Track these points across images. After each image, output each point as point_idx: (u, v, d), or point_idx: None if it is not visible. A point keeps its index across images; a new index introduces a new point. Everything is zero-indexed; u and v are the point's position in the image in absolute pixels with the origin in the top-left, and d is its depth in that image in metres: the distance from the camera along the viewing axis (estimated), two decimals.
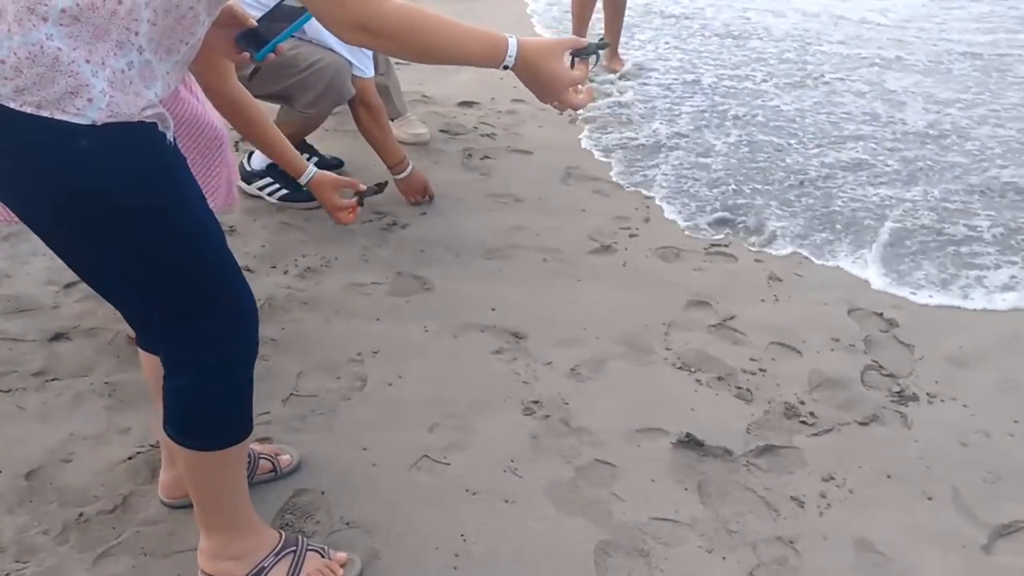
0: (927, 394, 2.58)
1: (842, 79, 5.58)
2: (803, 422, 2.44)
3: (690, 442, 2.31)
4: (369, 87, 3.35)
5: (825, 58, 6.05)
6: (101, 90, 1.30)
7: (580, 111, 1.61)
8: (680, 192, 3.96)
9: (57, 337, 2.60)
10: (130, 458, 2.14)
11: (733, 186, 4.03)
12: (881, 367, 2.71)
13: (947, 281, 3.30)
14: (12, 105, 1.27)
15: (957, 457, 2.33)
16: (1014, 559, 2.02)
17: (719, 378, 2.61)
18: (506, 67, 1.49)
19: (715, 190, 3.98)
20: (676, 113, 4.92)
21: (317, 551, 1.83)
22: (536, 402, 2.44)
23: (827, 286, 3.22)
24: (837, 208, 3.85)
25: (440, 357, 2.63)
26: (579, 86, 1.55)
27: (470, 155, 4.15)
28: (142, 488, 2.05)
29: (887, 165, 4.32)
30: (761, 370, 2.67)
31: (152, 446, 2.17)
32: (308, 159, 2.59)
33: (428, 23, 1.41)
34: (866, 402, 2.53)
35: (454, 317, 2.83)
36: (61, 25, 1.26)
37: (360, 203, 2.57)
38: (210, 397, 1.60)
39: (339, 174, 2.59)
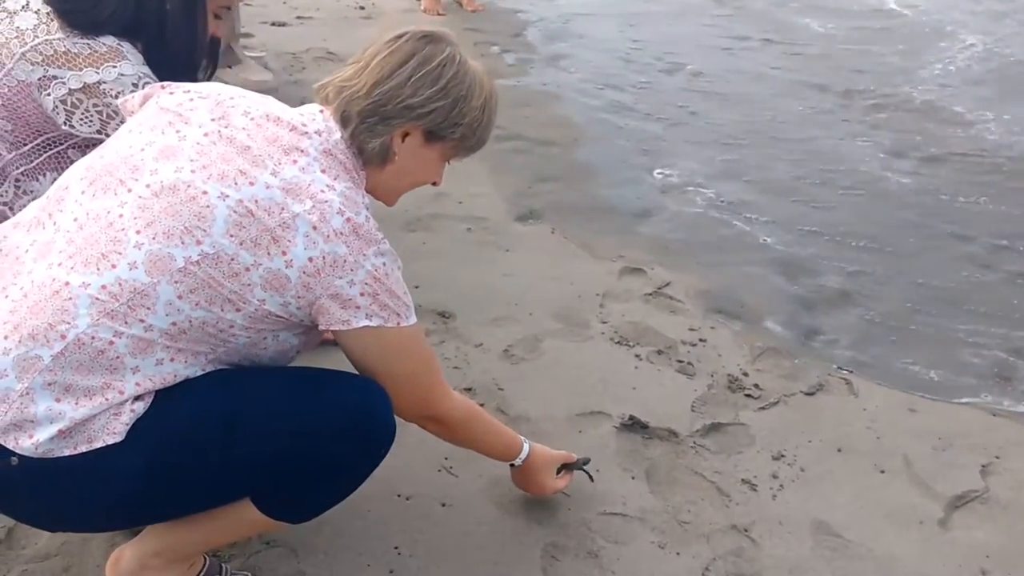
0: (871, 356, 2.51)
1: None
2: (748, 395, 2.33)
3: (634, 425, 2.19)
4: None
5: None
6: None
7: None
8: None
9: None
10: None
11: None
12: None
13: None
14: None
15: (906, 425, 2.26)
16: (970, 532, 1.96)
17: (659, 352, 2.49)
18: (512, 465, 1.78)
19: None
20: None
21: None
22: (469, 389, 2.28)
23: None
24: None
25: None
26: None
27: None
28: None
29: None
30: (701, 340, 2.55)
31: None
32: None
33: (476, 420, 1.64)
34: (810, 370, 2.44)
35: None
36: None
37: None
38: (325, 492, 1.47)
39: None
